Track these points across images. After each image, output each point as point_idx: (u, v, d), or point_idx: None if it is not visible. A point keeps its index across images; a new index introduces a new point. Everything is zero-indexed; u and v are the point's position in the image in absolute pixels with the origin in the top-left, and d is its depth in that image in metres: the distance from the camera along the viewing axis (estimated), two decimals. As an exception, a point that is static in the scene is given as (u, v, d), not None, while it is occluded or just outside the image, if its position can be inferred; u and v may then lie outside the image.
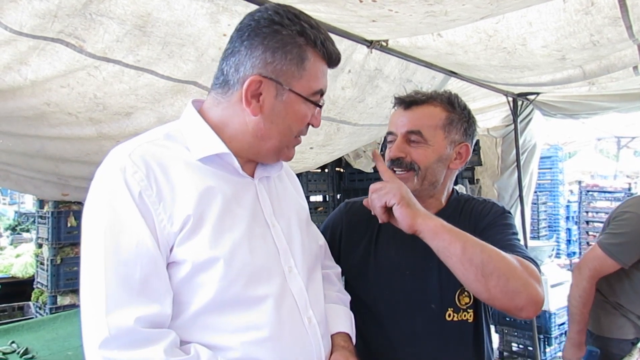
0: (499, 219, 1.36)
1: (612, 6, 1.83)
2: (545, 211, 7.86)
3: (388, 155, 1.40)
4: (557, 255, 7.43)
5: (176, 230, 0.94)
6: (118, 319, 0.86)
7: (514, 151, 4.17)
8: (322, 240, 1.35)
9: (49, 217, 3.27)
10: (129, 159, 0.94)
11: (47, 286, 3.29)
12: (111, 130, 2.16)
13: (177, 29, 1.67)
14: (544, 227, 7.69)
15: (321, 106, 1.09)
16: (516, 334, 4.30)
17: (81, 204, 3.26)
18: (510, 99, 3.69)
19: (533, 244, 5.26)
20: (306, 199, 3.16)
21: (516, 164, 4.17)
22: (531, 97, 3.72)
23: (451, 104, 1.39)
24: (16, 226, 7.54)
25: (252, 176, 1.11)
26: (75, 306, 3.16)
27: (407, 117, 1.38)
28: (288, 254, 1.09)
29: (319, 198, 4.24)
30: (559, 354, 4.23)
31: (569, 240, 8.66)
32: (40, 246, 3.49)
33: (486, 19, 1.91)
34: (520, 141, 4.11)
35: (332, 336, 1.17)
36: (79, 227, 3.24)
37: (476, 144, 4.43)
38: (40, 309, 3.42)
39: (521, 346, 4.28)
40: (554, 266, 5.17)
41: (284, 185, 1.23)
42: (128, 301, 0.88)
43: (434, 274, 1.31)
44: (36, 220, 3.59)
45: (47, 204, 3.34)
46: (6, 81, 1.69)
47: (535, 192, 6.12)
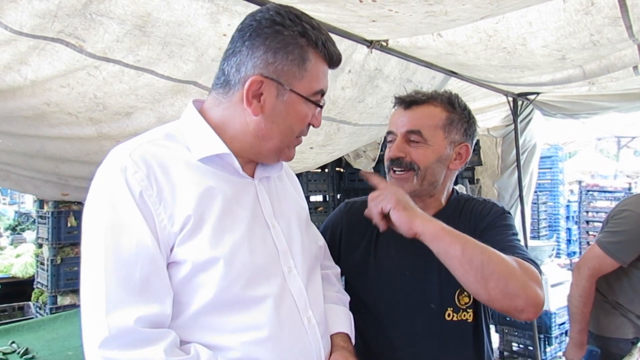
0: (499, 219, 1.36)
1: (612, 6, 1.83)
2: (546, 211, 7.87)
3: (388, 154, 1.40)
4: (557, 255, 7.43)
5: (176, 231, 0.94)
6: (118, 318, 0.86)
7: (514, 151, 4.17)
8: (321, 241, 1.35)
9: (49, 217, 3.27)
10: (129, 159, 0.94)
11: (47, 286, 3.29)
12: (111, 130, 2.16)
13: (177, 29, 1.67)
14: (544, 227, 7.70)
15: (322, 106, 1.09)
16: (516, 333, 4.30)
17: (81, 204, 3.26)
18: (510, 98, 3.69)
19: (533, 243, 5.26)
20: (306, 199, 3.16)
21: (516, 163, 4.17)
22: (531, 97, 3.72)
23: (451, 104, 1.39)
24: (16, 226, 7.54)
25: (253, 176, 1.11)
26: (75, 306, 3.16)
27: (407, 117, 1.38)
28: (288, 255, 1.09)
29: (319, 198, 4.23)
30: (560, 354, 4.23)
31: (569, 240, 8.66)
32: (40, 246, 3.49)
33: (486, 19, 1.91)
34: (521, 141, 4.11)
35: (331, 336, 1.17)
36: (79, 227, 3.24)
37: (476, 143, 4.42)
38: (41, 309, 3.42)
39: (521, 346, 4.28)
40: (554, 266, 5.18)
41: (284, 186, 1.23)
42: (128, 301, 0.88)
43: (433, 274, 1.31)
44: (36, 220, 3.59)
45: (47, 204, 3.33)
46: (6, 81, 1.69)
47: (536, 192, 6.12)
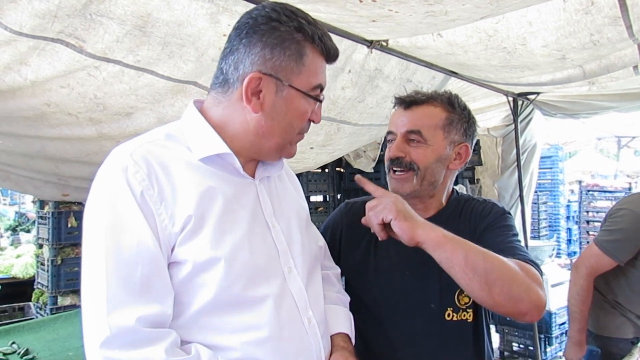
0: (499, 220, 1.36)
1: (612, 6, 1.83)
2: (546, 211, 7.87)
3: (388, 154, 1.40)
4: (558, 255, 7.43)
5: (177, 231, 0.94)
6: (119, 318, 0.86)
7: (514, 151, 4.17)
8: (321, 241, 1.35)
9: (49, 218, 3.26)
10: (130, 159, 0.94)
11: (47, 287, 3.29)
12: (111, 131, 2.16)
13: (177, 29, 1.67)
14: (545, 227, 7.70)
15: (321, 101, 1.09)
16: (517, 333, 4.30)
17: (81, 204, 3.25)
18: (511, 98, 3.69)
19: (533, 243, 5.26)
20: (306, 199, 3.15)
21: (516, 163, 4.17)
22: (531, 96, 3.72)
23: (451, 104, 1.39)
24: (16, 227, 7.54)
25: (253, 176, 1.11)
26: (75, 307, 3.16)
27: (407, 117, 1.38)
28: (288, 255, 1.09)
29: (319, 198, 4.23)
30: (560, 354, 4.23)
31: (569, 240, 8.66)
32: (40, 247, 3.49)
33: (486, 19, 1.91)
34: (521, 141, 4.11)
35: (331, 337, 1.17)
36: (79, 227, 3.24)
37: (476, 143, 4.42)
38: (41, 309, 3.42)
39: (522, 346, 4.28)
40: (555, 266, 5.18)
41: (284, 186, 1.23)
42: (129, 301, 0.88)
43: (433, 274, 1.30)
44: (36, 221, 3.59)
45: (47, 205, 3.33)
46: (6, 81, 1.69)
47: (536, 191, 6.12)
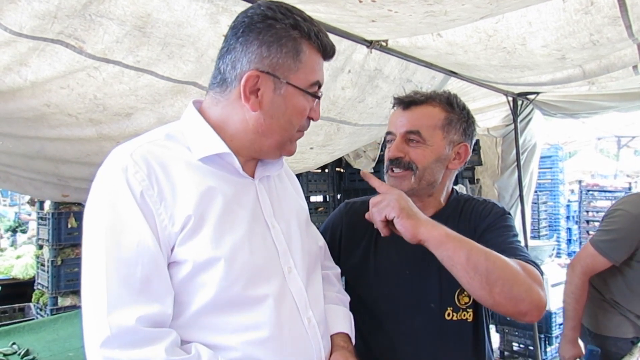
0: (499, 220, 1.36)
1: (611, 6, 1.83)
2: (546, 211, 7.86)
3: (387, 155, 1.40)
4: (558, 255, 7.43)
5: (177, 230, 0.94)
6: (119, 318, 0.86)
7: (514, 151, 4.17)
8: (321, 241, 1.35)
9: (49, 219, 3.26)
10: (130, 159, 0.95)
11: (47, 287, 3.29)
12: (111, 131, 2.15)
13: (177, 29, 1.67)
14: (545, 227, 7.69)
15: (319, 98, 1.09)
16: (517, 333, 4.30)
17: (81, 205, 3.25)
18: (510, 98, 3.69)
19: (533, 243, 5.25)
20: (306, 199, 3.15)
21: (516, 163, 4.17)
22: (531, 96, 3.72)
23: (450, 104, 1.39)
24: (16, 228, 7.55)
25: (253, 175, 1.11)
26: (76, 307, 3.16)
27: (406, 117, 1.38)
28: (287, 255, 1.09)
29: (319, 198, 4.23)
30: (560, 354, 4.23)
31: (569, 240, 8.66)
32: (40, 247, 3.49)
33: (486, 19, 1.91)
34: (521, 141, 4.12)
35: (331, 336, 1.17)
36: (79, 228, 3.24)
37: (476, 143, 4.46)
38: (41, 310, 3.42)
39: (522, 346, 4.28)
40: (555, 266, 5.17)
41: (283, 186, 1.23)
42: (129, 300, 0.88)
43: (433, 273, 1.31)
44: (37, 222, 3.58)
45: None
46: (6, 82, 1.69)
47: (536, 191, 6.11)
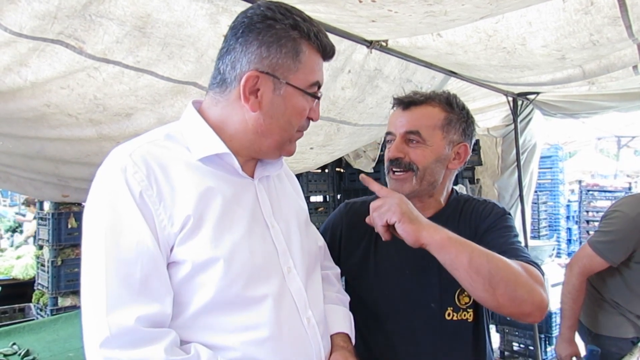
0: (499, 221, 1.36)
1: (611, 6, 1.83)
2: (546, 211, 7.86)
3: (387, 155, 1.40)
4: (558, 255, 7.43)
5: (176, 231, 0.94)
6: (119, 318, 0.87)
7: (514, 151, 4.17)
8: (321, 241, 1.35)
9: (49, 219, 3.26)
10: (129, 159, 0.95)
11: (47, 288, 3.28)
12: (111, 132, 2.15)
13: (177, 30, 1.67)
14: (545, 227, 7.69)
15: (319, 98, 1.09)
16: (517, 333, 4.29)
17: (81, 205, 3.25)
18: (510, 98, 3.69)
19: (533, 243, 5.25)
20: (306, 199, 3.14)
21: (516, 163, 4.17)
22: (531, 96, 3.72)
23: (449, 104, 1.39)
24: (16, 228, 7.54)
25: (252, 175, 1.11)
26: (76, 307, 3.16)
27: (405, 118, 1.38)
28: (287, 255, 1.09)
29: (319, 198, 4.22)
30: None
31: (569, 240, 8.66)
32: (40, 248, 3.48)
33: (486, 19, 1.91)
34: (521, 141, 4.12)
35: (331, 336, 1.17)
36: (79, 228, 3.23)
37: (476, 143, 4.46)
38: (41, 310, 3.41)
39: (522, 346, 4.28)
40: (555, 266, 5.18)
41: (283, 186, 1.23)
42: (129, 300, 0.88)
43: (433, 273, 1.31)
44: (32, 222, 3.58)
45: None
46: (6, 83, 1.69)
47: (536, 191, 6.12)
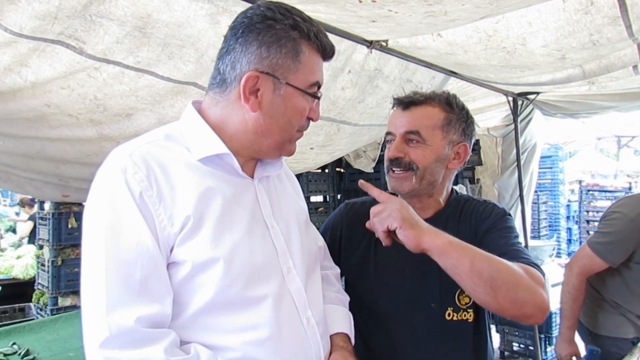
0: (500, 222, 1.36)
1: (611, 6, 1.83)
2: (546, 210, 7.86)
3: (387, 155, 1.40)
4: (558, 255, 7.43)
5: (176, 231, 0.94)
6: (119, 318, 0.87)
7: (514, 151, 4.17)
8: (321, 241, 1.35)
9: (49, 219, 3.26)
10: (129, 160, 0.95)
11: (48, 287, 3.28)
12: (111, 132, 2.16)
13: (177, 30, 1.67)
14: (545, 227, 7.69)
15: (319, 98, 1.09)
16: (517, 333, 4.29)
17: (82, 205, 3.25)
18: (510, 98, 3.69)
19: (533, 243, 5.25)
20: (306, 199, 3.13)
21: (516, 163, 4.17)
22: (531, 96, 3.72)
23: (449, 104, 1.39)
24: (16, 228, 7.54)
25: (252, 175, 1.11)
26: (76, 307, 3.15)
27: (405, 118, 1.38)
28: (287, 255, 1.09)
29: (319, 198, 4.22)
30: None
31: (569, 240, 8.65)
32: (41, 247, 3.48)
33: (486, 19, 1.91)
34: (521, 141, 4.12)
35: (331, 337, 1.17)
36: (79, 228, 3.23)
37: (476, 143, 4.46)
38: (41, 310, 3.41)
39: (522, 346, 4.27)
40: (555, 266, 5.17)
41: (283, 186, 1.23)
42: (128, 301, 0.88)
43: (433, 273, 1.30)
44: (37, 222, 3.58)
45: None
46: (6, 83, 1.69)
47: (536, 191, 6.12)
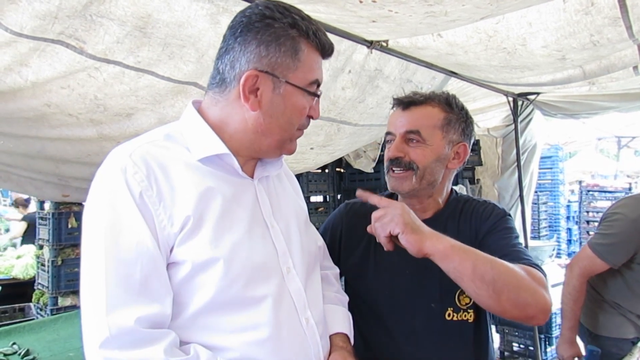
0: (500, 223, 1.36)
1: (612, 6, 1.83)
2: (546, 211, 7.85)
3: (387, 155, 1.40)
4: (558, 255, 7.42)
5: (176, 231, 0.94)
6: (118, 318, 0.87)
7: (515, 151, 4.17)
8: (320, 241, 1.35)
9: (49, 219, 3.26)
10: (129, 160, 0.95)
11: (48, 287, 3.28)
12: (112, 132, 2.16)
13: (178, 30, 1.67)
14: (545, 227, 7.68)
15: (319, 96, 1.09)
16: (517, 333, 4.29)
17: (82, 205, 3.25)
18: (511, 99, 3.69)
19: (533, 243, 5.25)
20: (306, 199, 3.13)
21: (516, 163, 4.17)
22: (531, 97, 3.72)
23: (449, 104, 1.40)
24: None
25: (252, 176, 1.11)
26: (76, 307, 3.15)
27: (405, 118, 1.38)
28: (287, 255, 1.09)
29: (319, 198, 4.22)
30: (560, 354, 4.22)
31: (569, 240, 8.64)
32: (41, 247, 3.48)
33: (486, 19, 1.91)
34: (521, 141, 4.12)
35: (330, 337, 1.17)
36: (79, 228, 3.22)
37: (477, 143, 4.46)
38: (41, 310, 3.41)
39: (522, 346, 4.27)
40: (555, 266, 5.16)
41: (283, 186, 1.23)
42: (128, 301, 0.88)
43: (433, 273, 1.30)
44: (37, 222, 3.58)
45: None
46: (7, 83, 1.69)
47: (536, 192, 6.11)
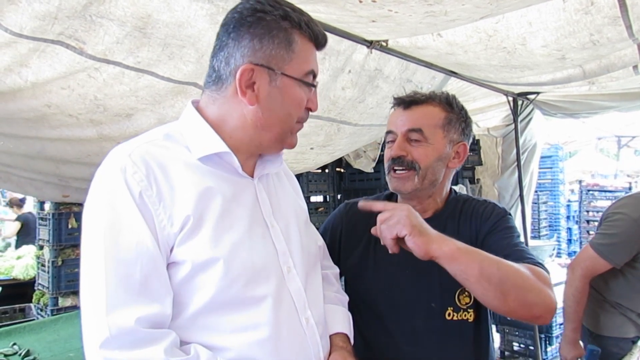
0: (501, 222, 1.36)
1: (611, 6, 1.83)
2: (546, 210, 7.86)
3: (388, 154, 1.40)
4: (558, 255, 7.42)
5: (176, 231, 0.94)
6: (118, 319, 0.86)
7: (515, 151, 4.16)
8: (320, 241, 1.35)
9: (49, 219, 3.25)
10: (129, 159, 0.95)
11: (48, 288, 3.28)
12: (112, 132, 2.16)
13: (177, 30, 1.67)
14: (545, 227, 7.69)
15: (315, 86, 1.09)
16: (517, 333, 4.29)
17: (82, 205, 3.23)
18: (511, 98, 3.69)
19: (534, 243, 5.26)
20: (306, 199, 3.13)
21: (517, 163, 4.17)
22: (531, 96, 3.72)
23: (449, 104, 1.40)
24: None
25: (252, 174, 1.11)
26: (76, 308, 3.15)
27: (407, 116, 1.39)
28: (287, 255, 1.09)
29: (319, 198, 4.22)
30: (561, 354, 4.22)
31: (569, 240, 8.65)
32: (41, 248, 3.48)
33: (486, 19, 1.92)
34: (521, 141, 4.11)
35: (330, 337, 1.17)
36: (79, 228, 3.20)
37: (477, 143, 4.46)
38: (42, 310, 3.41)
39: (522, 345, 4.27)
40: (555, 265, 5.17)
41: (283, 186, 1.23)
42: (128, 301, 0.88)
43: (433, 273, 1.30)
44: (37, 222, 3.58)
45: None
46: (7, 83, 1.69)
47: (536, 191, 6.12)
